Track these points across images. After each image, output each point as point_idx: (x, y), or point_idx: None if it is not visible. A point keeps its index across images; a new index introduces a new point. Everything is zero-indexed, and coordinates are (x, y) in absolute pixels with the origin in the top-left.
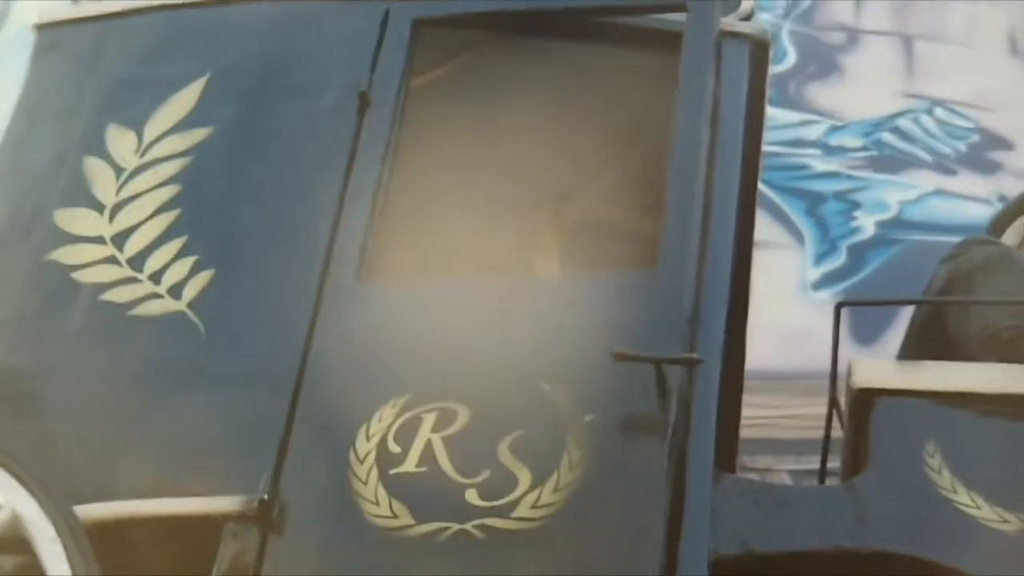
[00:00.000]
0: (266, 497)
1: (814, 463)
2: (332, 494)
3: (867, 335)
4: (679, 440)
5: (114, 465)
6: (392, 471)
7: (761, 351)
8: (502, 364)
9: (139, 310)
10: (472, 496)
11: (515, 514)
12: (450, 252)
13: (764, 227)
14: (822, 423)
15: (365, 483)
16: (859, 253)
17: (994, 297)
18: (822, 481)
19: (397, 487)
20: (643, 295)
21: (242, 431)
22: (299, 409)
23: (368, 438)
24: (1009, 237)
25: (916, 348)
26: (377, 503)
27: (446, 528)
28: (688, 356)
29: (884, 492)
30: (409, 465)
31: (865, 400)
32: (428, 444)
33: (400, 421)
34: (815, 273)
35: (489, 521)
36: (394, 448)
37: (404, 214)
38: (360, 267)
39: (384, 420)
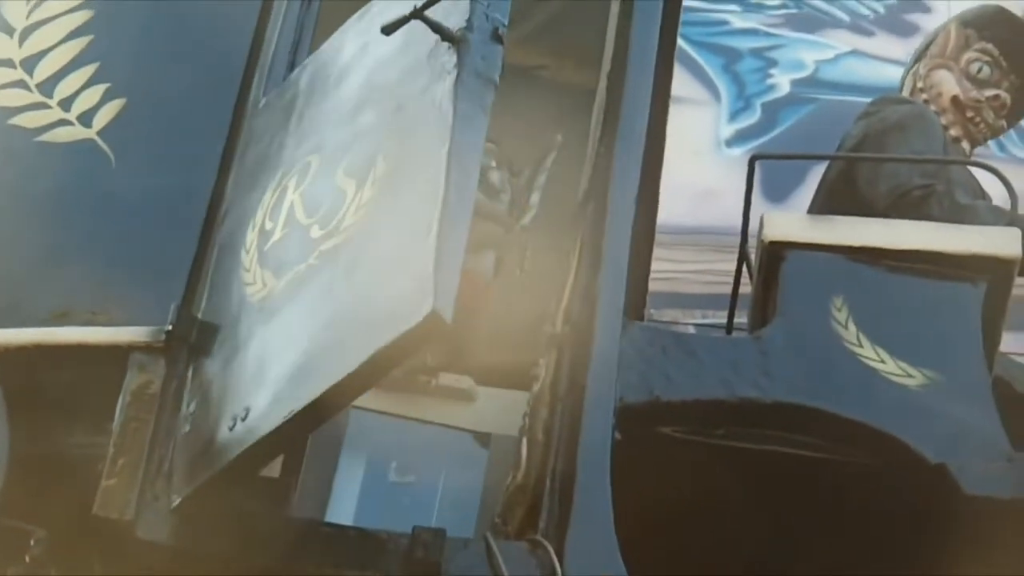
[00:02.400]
0: (171, 328)
1: (721, 318)
2: (230, 300)
3: (778, 193)
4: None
5: (20, 292)
6: (266, 246)
7: (673, 206)
8: (344, 102)
9: (48, 136)
10: (315, 231)
11: (342, 226)
12: None
13: (680, 83)
14: (731, 279)
15: (248, 270)
16: (773, 111)
17: (906, 156)
18: (729, 334)
19: (269, 259)
20: None
21: (151, 262)
22: (210, 235)
23: (252, 228)
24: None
25: (826, 205)
26: (254, 281)
27: (296, 273)
28: None
29: (790, 344)
30: (277, 233)
31: (775, 253)
32: (290, 206)
33: (274, 199)
34: (729, 130)
35: (324, 246)
36: (268, 225)
37: None
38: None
39: (264, 206)
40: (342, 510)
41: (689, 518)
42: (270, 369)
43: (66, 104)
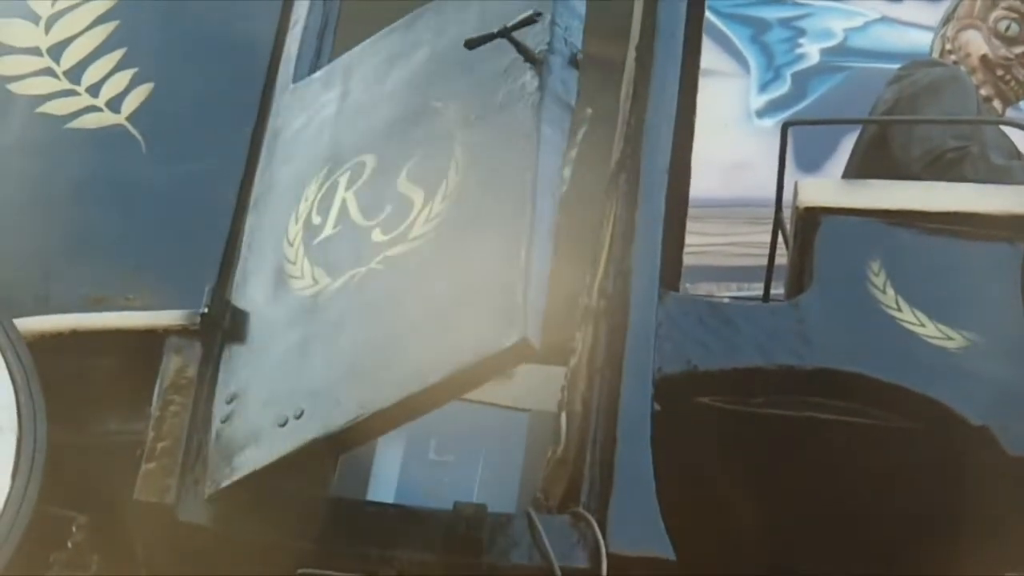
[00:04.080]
0: (207, 311)
1: (757, 290)
2: (271, 289)
3: (811, 163)
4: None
5: (54, 279)
6: (315, 241)
7: (704, 180)
8: (402, 103)
9: (77, 123)
10: (377, 235)
11: (412, 235)
12: None
13: (709, 55)
14: (765, 251)
15: (294, 263)
16: (803, 81)
17: (938, 117)
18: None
19: (318, 254)
20: None
21: (184, 246)
22: (243, 218)
23: (296, 220)
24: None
25: (860, 171)
26: (302, 276)
27: (355, 275)
28: (532, 13)
29: (828, 310)
30: (328, 229)
31: (810, 219)
32: (343, 204)
33: (321, 193)
34: (760, 101)
35: (390, 251)
36: (316, 220)
37: None
38: (299, 66)
39: (308, 199)
40: (383, 490)
41: (730, 488)
42: (329, 369)
43: (94, 90)
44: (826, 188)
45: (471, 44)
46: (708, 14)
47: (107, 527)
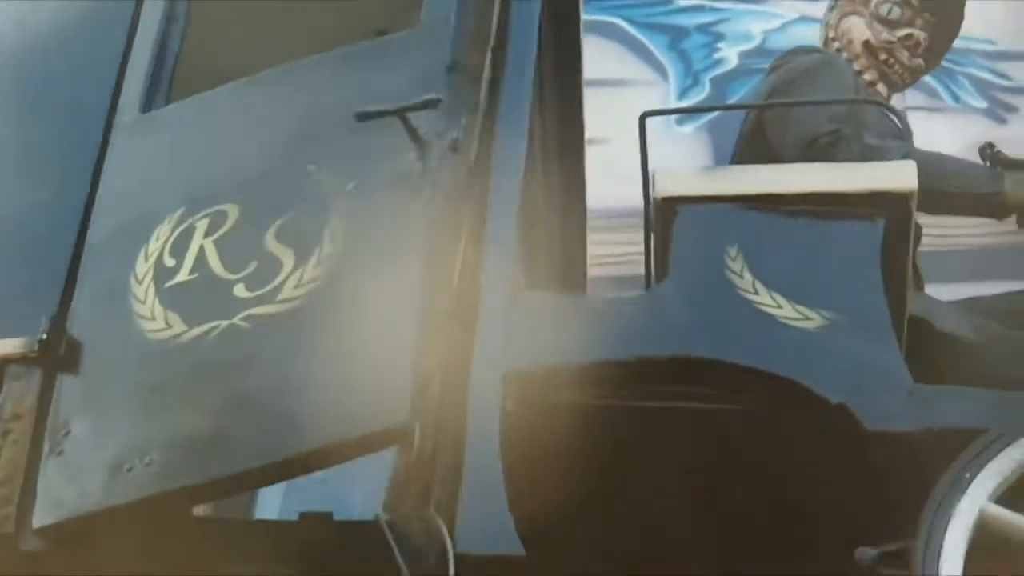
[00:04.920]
0: (45, 336)
1: None
2: (115, 323)
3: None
4: (444, 185)
5: None
6: (167, 284)
7: (628, 188)
8: (270, 157)
9: None
10: (240, 290)
11: (280, 297)
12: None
13: (626, 66)
14: None
15: (143, 302)
16: (723, 85)
17: (802, 100)
18: None
19: (171, 298)
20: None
21: (27, 274)
22: (86, 247)
23: (147, 258)
24: None
25: (741, 162)
26: (153, 318)
27: (215, 327)
28: (428, 98)
29: (685, 298)
30: (183, 275)
31: (668, 209)
32: (200, 250)
33: (175, 235)
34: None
35: (256, 310)
36: (169, 262)
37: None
38: (148, 98)
39: (160, 238)
40: (267, 507)
41: (597, 484)
42: (184, 421)
43: None
44: (683, 177)
45: (363, 117)
46: (624, 24)
47: None
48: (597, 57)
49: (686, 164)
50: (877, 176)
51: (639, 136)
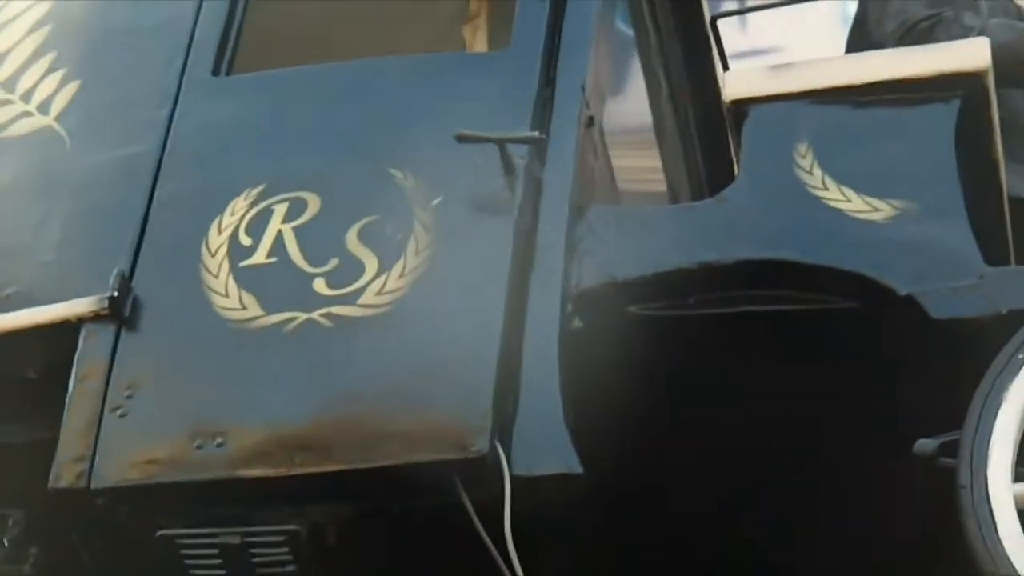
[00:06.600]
0: (115, 294)
1: None
2: (184, 289)
3: None
4: (527, 221)
5: None
6: (242, 263)
7: None
8: (350, 150)
9: (9, 131)
10: (320, 285)
11: (361, 301)
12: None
13: None
14: None
15: (216, 276)
16: None
17: None
18: None
19: (247, 279)
20: (495, 76)
21: (99, 232)
22: (154, 206)
23: (220, 231)
24: None
25: (848, 52)
26: (227, 295)
27: (293, 318)
28: (531, 135)
29: (753, 200)
30: (259, 256)
31: (739, 112)
32: (279, 235)
33: (252, 213)
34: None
35: (335, 309)
36: (245, 240)
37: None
38: (218, 62)
39: (236, 213)
40: None
41: (670, 398)
42: (258, 408)
43: (27, 96)
44: (750, 77)
45: (463, 140)
46: None
47: (43, 521)
48: None
49: None
50: (946, 57)
51: (713, 39)
